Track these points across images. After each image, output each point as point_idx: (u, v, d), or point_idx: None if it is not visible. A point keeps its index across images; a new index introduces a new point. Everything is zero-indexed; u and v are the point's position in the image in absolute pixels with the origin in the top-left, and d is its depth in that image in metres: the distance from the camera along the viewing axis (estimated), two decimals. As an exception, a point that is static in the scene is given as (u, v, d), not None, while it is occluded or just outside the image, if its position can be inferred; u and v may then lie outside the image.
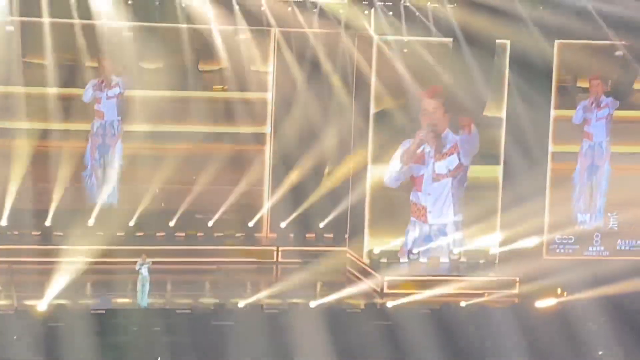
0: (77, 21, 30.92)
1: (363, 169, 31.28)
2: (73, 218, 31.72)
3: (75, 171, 32.13)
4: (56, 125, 31.83)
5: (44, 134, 31.72)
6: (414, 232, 31.24)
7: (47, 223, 31.52)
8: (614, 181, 32.29)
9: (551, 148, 32.04)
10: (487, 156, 31.41)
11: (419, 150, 31.01)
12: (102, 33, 31.31)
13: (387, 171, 31.10)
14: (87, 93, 32.11)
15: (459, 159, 31.14)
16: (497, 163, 31.47)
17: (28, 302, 25.86)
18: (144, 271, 26.82)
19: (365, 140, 31.10)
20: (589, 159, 32.25)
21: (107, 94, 32.29)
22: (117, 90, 32.33)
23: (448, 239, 31.28)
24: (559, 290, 28.93)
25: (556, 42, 31.32)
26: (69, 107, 32.00)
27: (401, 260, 31.08)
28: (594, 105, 31.97)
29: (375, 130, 30.89)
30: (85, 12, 30.64)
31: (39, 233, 31.43)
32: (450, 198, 31.31)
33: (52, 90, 31.64)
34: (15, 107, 31.54)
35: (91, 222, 31.82)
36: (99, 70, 32.11)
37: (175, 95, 32.41)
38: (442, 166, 31.15)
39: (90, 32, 31.35)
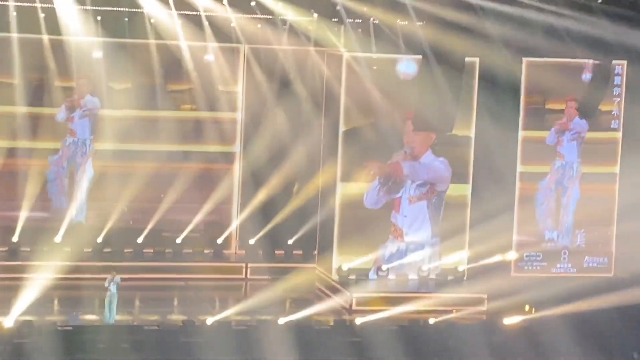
0: (45, 37, 30.85)
1: (332, 186, 31.31)
2: (41, 234, 31.58)
3: (43, 188, 31.98)
4: (24, 144, 31.71)
5: (11, 152, 31.58)
6: (391, 248, 31.30)
7: (14, 239, 31.35)
8: (582, 200, 32.50)
9: (519, 168, 32.22)
10: (455, 175, 31.53)
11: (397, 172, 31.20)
12: (72, 52, 31.26)
13: (367, 195, 31.15)
14: (60, 114, 32.03)
15: (431, 184, 31.34)
16: (466, 182, 31.59)
17: (-5, 319, 25.67)
18: (113, 288, 26.69)
19: (335, 158, 31.14)
20: (560, 178, 32.46)
21: (80, 113, 32.22)
22: (89, 110, 32.24)
23: (421, 256, 31.35)
24: (526, 307, 29.05)
25: (524, 60, 31.54)
26: (38, 126, 31.90)
27: (370, 276, 31.11)
28: (566, 126, 32.21)
29: (345, 148, 30.94)
30: (54, 29, 30.59)
31: (5, 249, 31.25)
32: (427, 220, 31.42)
33: (22, 109, 31.58)
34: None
35: (59, 238, 31.66)
36: (73, 89, 32.04)
37: (145, 115, 32.37)
38: (416, 189, 31.31)
39: (60, 51, 31.32)
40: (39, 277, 29.48)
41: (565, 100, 32.06)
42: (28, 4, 30.29)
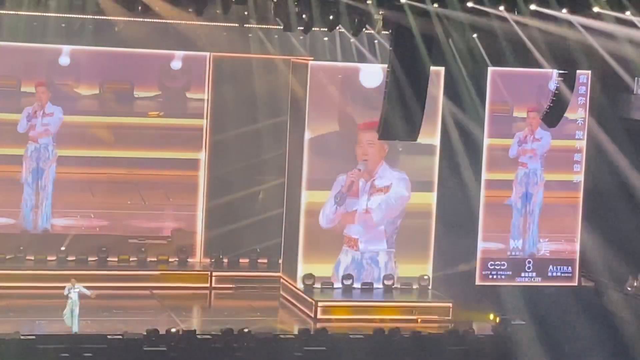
0: (12, 44, 30.70)
1: (297, 195, 31.26)
2: (5, 242, 31.35)
3: (5, 195, 31.73)
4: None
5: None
6: (345, 260, 31.26)
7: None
8: (546, 208, 32.63)
9: (484, 175, 32.32)
10: (420, 183, 31.58)
11: (356, 186, 31.13)
12: (38, 58, 31.12)
13: (322, 214, 31.07)
14: (21, 123, 31.83)
15: (386, 198, 31.31)
16: (431, 190, 31.65)
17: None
18: (74, 296, 26.53)
19: (300, 166, 31.12)
20: (524, 186, 32.59)
21: (41, 121, 32.02)
22: (52, 117, 32.07)
23: (380, 267, 31.34)
24: (491, 316, 29.13)
25: (489, 69, 31.67)
26: (3, 132, 31.72)
27: (335, 286, 31.08)
28: (529, 137, 32.35)
29: (310, 156, 30.92)
30: (20, 35, 30.42)
31: (-32, 258, 31.02)
32: (382, 231, 31.41)
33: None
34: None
35: (23, 246, 31.44)
36: (36, 97, 31.86)
37: (110, 121, 32.24)
38: (375, 201, 31.26)
39: (27, 56, 31.17)
40: (2, 286, 29.27)
41: (527, 111, 32.21)
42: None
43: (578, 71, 31.74)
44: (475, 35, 30.90)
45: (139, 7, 28.17)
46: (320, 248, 31.17)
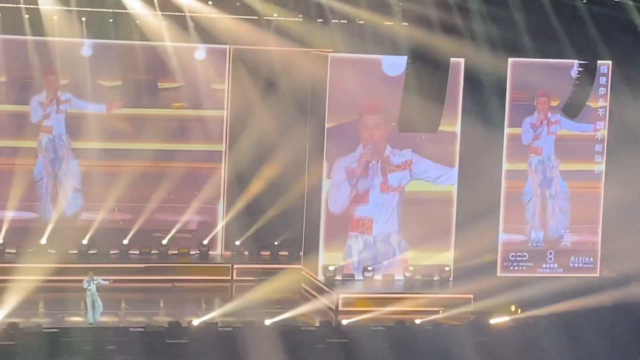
0: (30, 38, 30.80)
1: (318, 187, 31.28)
2: (26, 236, 31.50)
3: (27, 188, 31.86)
4: (5, 143, 31.61)
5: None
6: (357, 245, 31.25)
7: (-1, 241, 31.33)
8: (568, 198, 32.55)
9: (505, 166, 32.25)
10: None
11: (370, 164, 31.18)
12: (54, 50, 31.19)
13: (333, 199, 31.07)
14: (35, 113, 31.88)
15: (411, 175, 31.34)
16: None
17: (-20, 321, 25.62)
18: (92, 288, 26.70)
19: (320, 159, 31.13)
20: (540, 174, 32.50)
21: (56, 109, 32.08)
22: (67, 105, 32.15)
23: (394, 247, 31.35)
24: (512, 307, 29.08)
25: (509, 60, 31.58)
26: (20, 125, 31.81)
27: (355, 277, 31.10)
28: (543, 121, 32.23)
29: (330, 145, 30.92)
30: (38, 28, 30.53)
31: (-10, 251, 31.21)
32: (395, 212, 31.38)
33: (3, 107, 31.53)
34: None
35: (44, 240, 31.58)
36: (46, 86, 31.92)
37: (131, 113, 32.31)
38: (395, 178, 31.29)
39: (43, 48, 31.26)
40: (24, 279, 29.41)
41: (539, 95, 32.05)
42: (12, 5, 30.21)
43: (599, 61, 31.71)
44: (495, 26, 30.81)
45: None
46: (341, 239, 31.18)
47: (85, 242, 31.83)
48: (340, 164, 31.00)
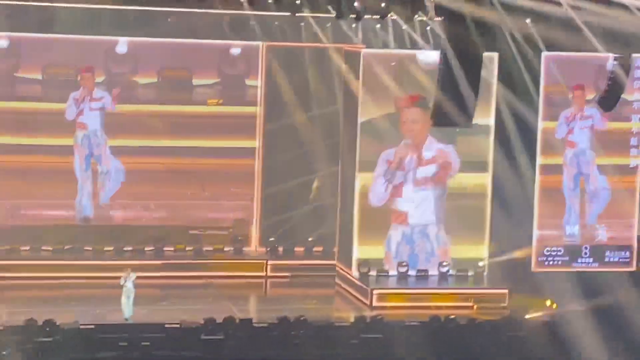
0: (66, 36, 30.99)
1: (351, 182, 31.31)
2: (62, 233, 31.72)
3: (63, 185, 32.07)
4: (43, 140, 31.81)
5: (31, 149, 31.69)
6: (396, 236, 31.28)
7: (37, 238, 31.47)
8: (605, 193, 32.37)
9: (539, 160, 32.14)
10: (475, 164, 31.52)
11: (405, 160, 31.21)
12: (91, 47, 31.39)
13: (373, 193, 31.12)
14: (70, 110, 32.12)
15: (437, 167, 31.32)
16: (485, 170, 31.58)
17: (18, 318, 25.77)
18: (129, 284, 26.91)
19: (354, 151, 31.16)
20: (575, 167, 32.35)
21: (89, 106, 32.27)
22: (100, 103, 32.36)
23: (431, 240, 31.33)
24: (548, 302, 28.98)
25: (543, 54, 31.45)
26: (57, 122, 32.03)
27: (390, 272, 31.10)
28: (578, 115, 32.08)
29: (363, 139, 30.95)
30: (74, 25, 30.72)
31: (27, 248, 31.38)
32: (432, 204, 31.38)
33: (42, 105, 31.73)
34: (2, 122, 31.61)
35: (80, 237, 31.78)
36: (82, 83, 32.12)
37: (168, 110, 32.45)
38: (422, 171, 31.26)
39: (79, 46, 31.47)
40: (61, 276, 29.66)
41: (572, 89, 31.90)
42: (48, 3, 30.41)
43: (633, 54, 31.50)
44: (528, 20, 30.68)
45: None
46: (375, 235, 31.20)
47: (120, 238, 32.02)
48: (382, 158, 31.01)
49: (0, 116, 31.60)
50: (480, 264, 31.49)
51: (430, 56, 30.27)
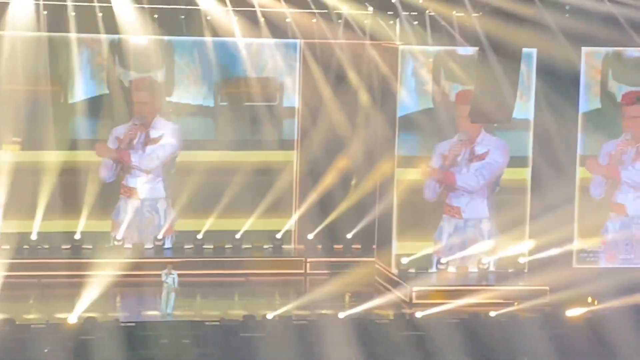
0: (104, 36, 31.17)
1: (390, 179, 31.27)
2: (102, 232, 31.91)
3: (103, 183, 32.19)
4: (85, 140, 32.04)
5: (73, 149, 31.89)
6: (448, 228, 31.23)
7: (77, 236, 31.68)
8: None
9: (580, 155, 31.97)
10: (514, 158, 31.42)
11: (458, 158, 31.21)
12: (127, 47, 31.59)
13: (428, 187, 31.13)
14: (105, 166, 32.16)
15: (488, 166, 31.29)
16: (525, 165, 31.46)
17: (59, 316, 25.97)
18: (169, 281, 27.06)
19: (392, 150, 31.11)
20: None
21: (143, 153, 32.49)
22: (164, 147, 32.59)
23: (483, 234, 31.27)
24: (589, 299, 28.80)
25: (583, 49, 31.26)
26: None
27: (430, 269, 31.05)
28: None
29: (401, 135, 30.91)
30: (112, 27, 30.90)
31: (68, 247, 31.59)
32: (485, 199, 31.29)
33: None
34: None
35: (120, 235, 31.96)
36: (132, 111, 32.40)
37: (205, 106, 32.57)
38: (473, 167, 31.24)
39: (117, 46, 31.61)
40: (101, 275, 29.82)
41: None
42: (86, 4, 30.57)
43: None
44: (568, 15, 30.51)
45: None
46: (414, 231, 31.15)
47: (160, 236, 32.17)
48: (437, 152, 31.04)
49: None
50: (521, 260, 31.34)
51: (468, 52, 30.21)
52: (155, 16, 31.14)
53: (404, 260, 31.02)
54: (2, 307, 27.24)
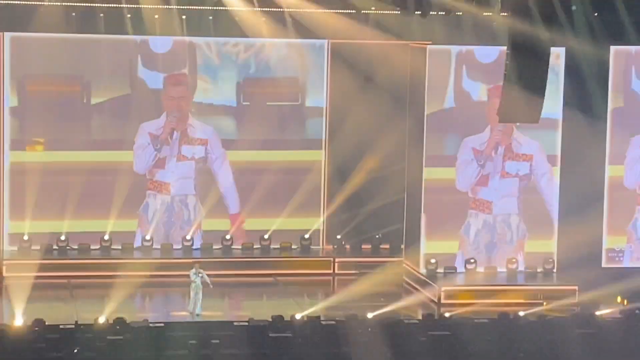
0: (133, 37, 31.29)
1: (418, 178, 31.22)
2: (132, 232, 32.02)
3: (132, 184, 32.30)
4: (112, 136, 32.13)
5: (103, 149, 32.01)
6: (476, 223, 31.12)
7: (106, 237, 31.80)
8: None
9: (609, 155, 31.80)
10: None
11: (493, 153, 31.18)
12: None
13: (463, 176, 31.02)
14: (142, 157, 32.30)
15: (530, 169, 31.13)
16: (555, 164, 31.35)
17: (88, 316, 26.07)
18: (198, 280, 27.14)
19: (420, 148, 31.06)
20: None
21: (179, 153, 32.60)
22: (199, 150, 32.64)
23: (512, 229, 31.17)
24: (619, 299, 28.66)
25: (612, 48, 31.10)
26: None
27: (459, 269, 30.98)
28: None
29: (429, 134, 30.85)
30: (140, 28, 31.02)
31: (97, 247, 31.72)
32: (516, 195, 31.19)
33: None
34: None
35: (149, 232, 32.06)
36: (165, 108, 32.44)
37: (228, 106, 32.63)
38: (512, 166, 31.12)
39: (145, 48, 31.70)
40: (130, 275, 29.93)
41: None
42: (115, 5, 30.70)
43: None
44: (596, 14, 30.38)
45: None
46: (443, 232, 31.09)
47: (188, 237, 32.25)
48: (466, 145, 30.93)
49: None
50: (550, 260, 31.22)
51: (495, 51, 30.14)
52: (184, 17, 31.24)
53: (433, 260, 30.92)
54: (32, 307, 27.41)
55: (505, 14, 29.79)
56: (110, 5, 30.47)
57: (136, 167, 32.02)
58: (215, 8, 31.05)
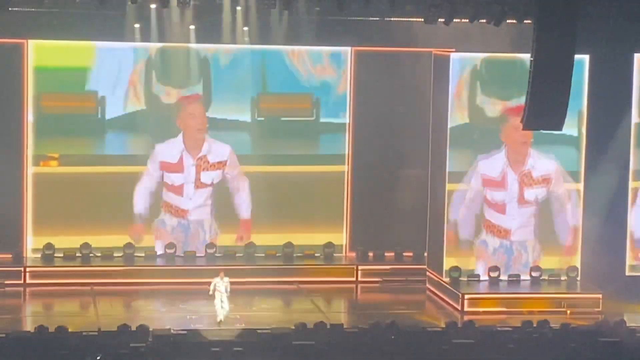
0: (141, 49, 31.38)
1: (441, 187, 31.14)
2: (153, 239, 32.10)
3: (153, 193, 32.37)
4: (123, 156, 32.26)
5: (124, 158, 32.11)
6: (493, 243, 30.98)
7: (130, 245, 31.86)
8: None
9: (632, 165, 31.67)
10: (567, 173, 31.18)
11: (499, 176, 30.98)
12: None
13: (462, 226, 30.79)
14: (147, 179, 32.42)
15: (548, 192, 31.01)
16: (577, 180, 31.21)
17: (111, 323, 26.13)
18: (222, 288, 27.18)
19: (443, 159, 30.98)
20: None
21: (197, 180, 32.76)
22: (217, 174, 32.80)
23: (528, 252, 31.06)
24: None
25: (636, 55, 30.99)
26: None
27: (482, 277, 30.89)
28: None
29: (453, 146, 30.77)
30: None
31: (120, 255, 31.80)
32: (533, 221, 31.06)
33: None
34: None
35: (172, 245, 32.11)
36: (182, 126, 32.61)
37: (242, 121, 32.62)
38: (531, 194, 30.99)
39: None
40: (153, 282, 29.98)
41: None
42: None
43: None
44: (620, 20, 30.25)
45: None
46: (464, 234, 31.01)
47: (209, 244, 32.29)
48: (477, 171, 30.77)
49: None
50: (573, 268, 31.09)
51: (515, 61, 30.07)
52: (192, 27, 31.31)
53: (456, 268, 30.82)
54: (55, 314, 27.45)
55: (529, 21, 29.81)
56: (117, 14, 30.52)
57: (136, 209, 31.96)
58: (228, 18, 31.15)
